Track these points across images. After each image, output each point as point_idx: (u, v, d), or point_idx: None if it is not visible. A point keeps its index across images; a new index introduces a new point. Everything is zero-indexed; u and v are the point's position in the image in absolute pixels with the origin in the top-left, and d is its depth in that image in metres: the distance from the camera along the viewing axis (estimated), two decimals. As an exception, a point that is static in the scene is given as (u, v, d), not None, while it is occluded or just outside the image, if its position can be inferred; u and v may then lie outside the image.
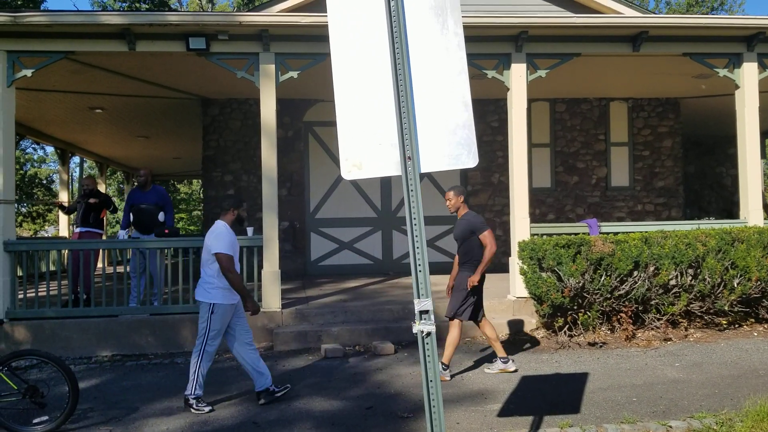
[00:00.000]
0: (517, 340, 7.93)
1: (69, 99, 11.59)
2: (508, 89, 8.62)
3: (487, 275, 6.47)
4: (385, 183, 12.43)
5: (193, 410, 5.48)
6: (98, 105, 12.05)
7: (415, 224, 3.16)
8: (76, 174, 19.73)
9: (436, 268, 12.05)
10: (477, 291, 6.38)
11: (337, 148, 12.02)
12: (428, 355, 3.10)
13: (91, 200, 9.21)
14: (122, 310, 8.12)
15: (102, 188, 18.94)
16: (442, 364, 6.33)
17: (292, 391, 5.86)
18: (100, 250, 10.18)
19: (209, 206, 12.37)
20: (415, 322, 3.13)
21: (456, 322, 6.34)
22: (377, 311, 8.36)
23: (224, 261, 5.40)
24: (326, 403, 5.63)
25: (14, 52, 7.98)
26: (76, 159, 19.21)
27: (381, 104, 3.31)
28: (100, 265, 9.90)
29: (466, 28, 3.30)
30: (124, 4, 24.26)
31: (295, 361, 7.18)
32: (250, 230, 8.73)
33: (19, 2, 18.70)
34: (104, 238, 10.40)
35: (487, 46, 8.47)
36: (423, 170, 3.25)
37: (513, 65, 8.54)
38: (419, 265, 3.15)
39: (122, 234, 9.08)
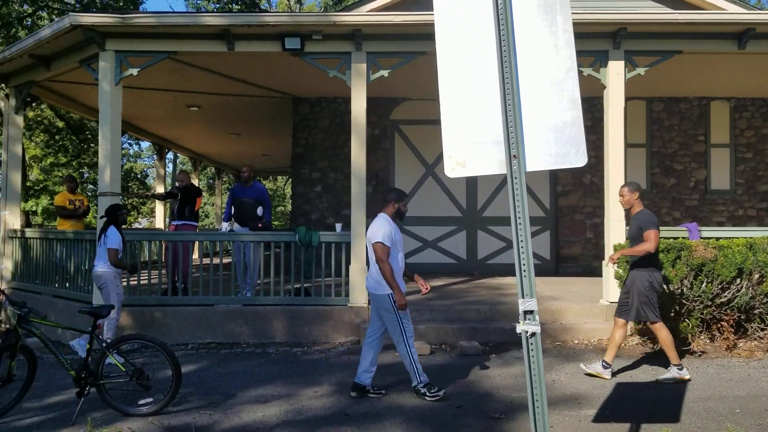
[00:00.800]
0: (609, 345, 7.70)
1: (168, 97, 12.13)
2: (604, 87, 8.38)
3: (577, 279, 6.30)
4: (471, 182, 12.34)
5: (427, 398, 5.61)
6: (195, 103, 12.55)
7: (520, 224, 3.12)
8: (170, 169, 20.61)
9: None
10: (656, 290, 6.20)
11: (422, 146, 11.91)
12: (532, 356, 3.05)
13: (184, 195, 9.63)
14: (217, 300, 8.42)
15: (195, 182, 19.73)
16: (676, 366, 6.14)
17: (381, 386, 5.92)
18: (196, 242, 10.61)
19: (297, 202, 12.64)
20: (518, 323, 3.10)
21: (658, 324, 6.18)
22: (464, 311, 8.32)
23: (378, 251, 5.64)
24: (416, 400, 5.65)
25: (122, 51, 8.42)
26: (170, 155, 20.06)
27: (486, 102, 3.28)
28: (195, 256, 10.32)
29: (561, 24, 3.25)
30: (217, 5, 25.06)
31: (382, 357, 7.18)
32: (338, 226, 8.89)
33: (120, 3, 19.64)
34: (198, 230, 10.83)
35: (583, 43, 8.23)
36: (529, 169, 3.19)
37: (610, 62, 8.30)
38: (524, 265, 3.11)
39: (225, 226, 9.49)
